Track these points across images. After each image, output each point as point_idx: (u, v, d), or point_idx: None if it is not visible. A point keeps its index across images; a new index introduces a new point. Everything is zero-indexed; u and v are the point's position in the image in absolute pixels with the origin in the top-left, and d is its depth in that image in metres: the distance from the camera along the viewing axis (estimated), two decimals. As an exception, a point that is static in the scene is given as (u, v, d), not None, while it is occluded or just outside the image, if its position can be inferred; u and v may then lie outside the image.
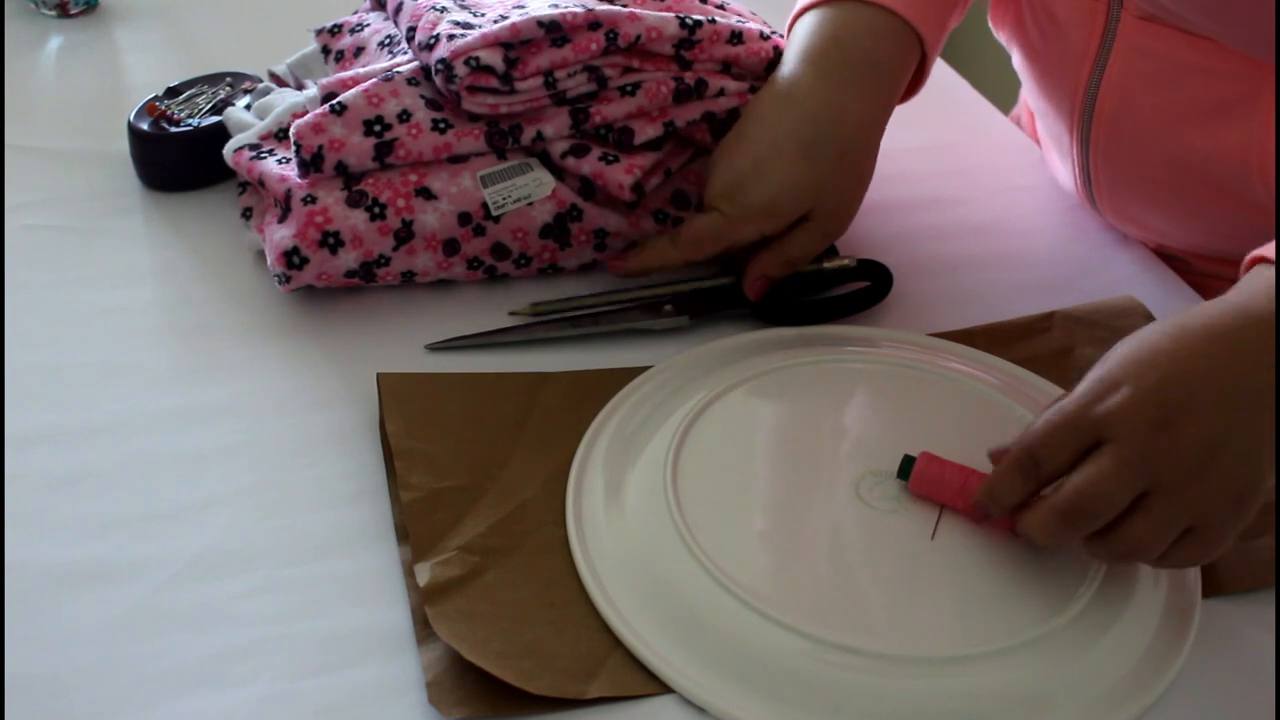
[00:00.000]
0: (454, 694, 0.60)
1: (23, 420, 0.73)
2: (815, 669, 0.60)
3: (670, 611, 0.63)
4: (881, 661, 0.60)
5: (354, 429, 0.74)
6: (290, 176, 0.81)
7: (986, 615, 0.63)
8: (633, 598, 0.64)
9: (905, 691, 0.59)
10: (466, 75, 0.79)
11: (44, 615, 0.63)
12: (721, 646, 0.61)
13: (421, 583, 0.63)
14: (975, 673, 0.60)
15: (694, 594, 0.63)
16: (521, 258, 0.83)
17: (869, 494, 0.68)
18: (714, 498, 0.68)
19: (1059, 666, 0.61)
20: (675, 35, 0.83)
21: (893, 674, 0.60)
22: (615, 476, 0.70)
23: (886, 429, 0.73)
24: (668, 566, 0.64)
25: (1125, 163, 0.86)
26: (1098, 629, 0.62)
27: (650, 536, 0.66)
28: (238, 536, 0.67)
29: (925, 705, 0.59)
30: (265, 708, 0.59)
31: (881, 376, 0.77)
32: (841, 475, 0.70)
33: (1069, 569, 0.64)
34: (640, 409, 0.74)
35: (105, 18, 1.15)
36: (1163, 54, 0.80)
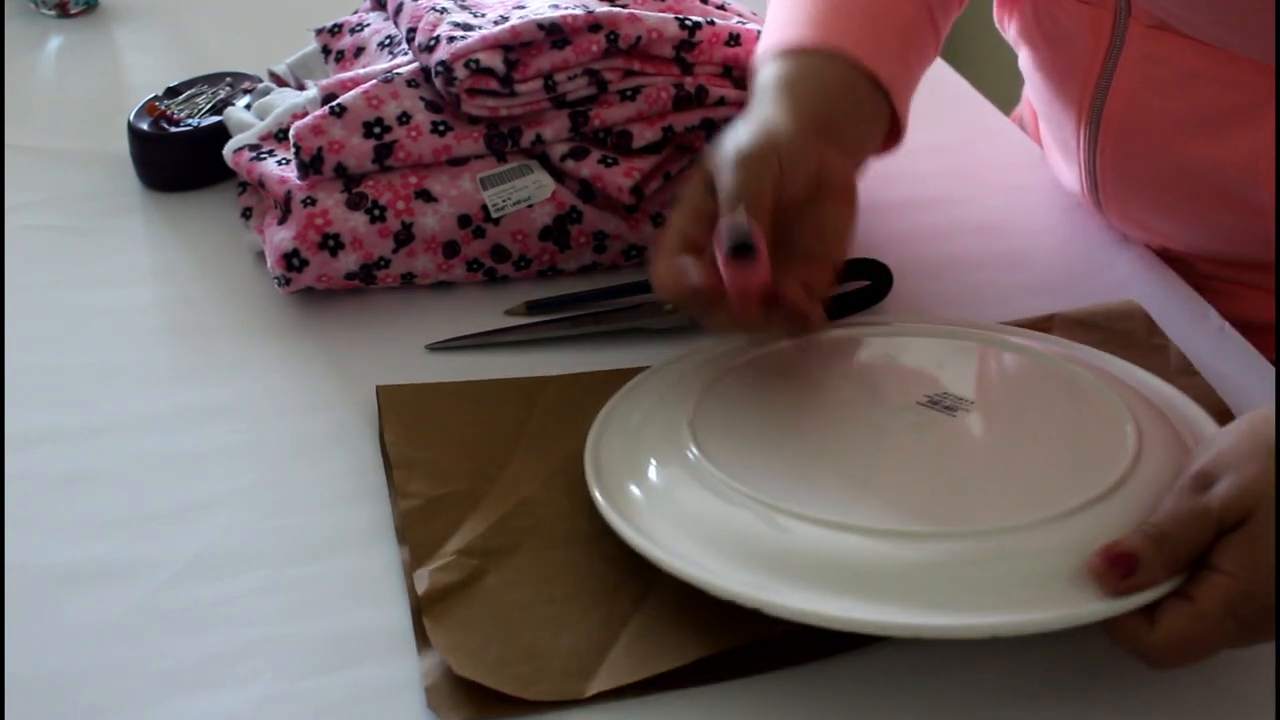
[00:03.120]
0: (452, 697, 0.60)
1: (23, 420, 0.73)
2: (866, 557, 0.60)
3: (719, 539, 0.62)
4: (931, 540, 0.60)
5: (354, 429, 0.74)
6: (290, 178, 0.81)
7: (1032, 486, 0.64)
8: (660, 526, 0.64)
9: (955, 563, 0.59)
10: (466, 78, 0.79)
11: (44, 615, 0.63)
12: (776, 556, 0.61)
13: (420, 590, 0.63)
14: (1027, 538, 0.60)
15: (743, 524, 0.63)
16: (521, 260, 0.83)
17: (893, 423, 0.69)
18: (740, 441, 0.68)
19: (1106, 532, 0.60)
20: (675, 37, 0.84)
21: (941, 550, 0.60)
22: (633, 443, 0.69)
23: (914, 378, 0.74)
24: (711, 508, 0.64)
25: (1133, 169, 0.86)
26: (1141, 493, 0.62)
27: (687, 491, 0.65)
28: (238, 536, 0.67)
29: (981, 575, 0.59)
30: (265, 708, 0.59)
31: (906, 346, 0.77)
32: (866, 415, 0.70)
33: (1104, 445, 0.65)
34: (656, 387, 0.74)
35: (105, 18, 1.15)
36: (1172, 61, 0.80)
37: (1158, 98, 0.82)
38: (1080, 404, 0.71)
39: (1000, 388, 0.75)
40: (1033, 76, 0.93)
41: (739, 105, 0.84)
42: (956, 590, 0.59)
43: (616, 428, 0.71)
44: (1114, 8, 0.82)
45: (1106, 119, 0.85)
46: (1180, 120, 0.81)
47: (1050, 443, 0.69)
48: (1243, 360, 0.80)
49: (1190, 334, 0.81)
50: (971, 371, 0.75)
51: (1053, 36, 0.88)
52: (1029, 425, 0.70)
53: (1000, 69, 0.98)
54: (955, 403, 0.70)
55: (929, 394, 0.70)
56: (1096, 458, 0.65)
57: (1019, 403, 0.73)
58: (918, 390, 0.71)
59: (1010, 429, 0.70)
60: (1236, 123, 0.79)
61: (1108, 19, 0.82)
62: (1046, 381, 0.73)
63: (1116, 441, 0.65)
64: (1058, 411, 0.71)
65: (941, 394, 0.70)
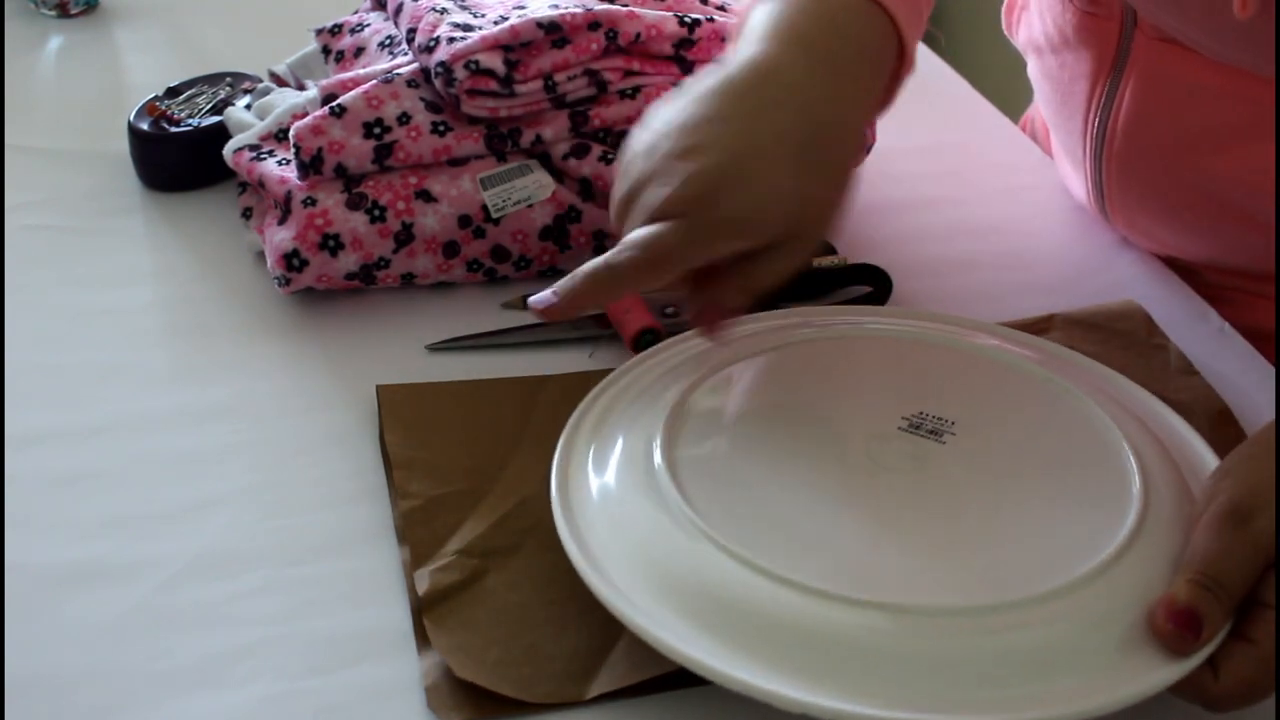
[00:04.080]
0: (452, 698, 0.60)
1: (23, 420, 0.73)
2: (835, 628, 0.57)
3: (672, 584, 0.60)
4: (909, 616, 0.57)
5: (354, 429, 0.74)
6: (290, 178, 0.81)
7: (1020, 562, 0.59)
8: (636, 580, 0.60)
9: (935, 646, 0.56)
10: (466, 78, 0.79)
11: (44, 615, 0.63)
12: (730, 613, 0.58)
13: (420, 590, 0.64)
14: (1011, 621, 0.57)
15: (702, 568, 0.59)
16: (521, 260, 0.83)
17: (881, 457, 0.65)
18: (713, 471, 0.64)
19: (1105, 613, 0.57)
20: (675, 34, 0.84)
21: (922, 629, 0.56)
22: (602, 458, 0.67)
23: (895, 393, 0.70)
24: (668, 542, 0.61)
25: (1140, 181, 0.85)
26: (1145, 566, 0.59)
27: (647, 515, 0.63)
28: (238, 536, 0.67)
29: (960, 659, 0.56)
30: (265, 708, 0.59)
31: (889, 344, 0.74)
32: (847, 444, 0.66)
33: (1108, 504, 0.62)
34: (631, 389, 0.71)
35: (105, 18, 1.15)
36: (1179, 75, 0.79)
37: (1163, 110, 0.81)
38: (1068, 427, 0.67)
39: (981, 406, 0.69)
40: (1041, 85, 0.93)
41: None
42: (983, 677, 0.55)
43: (584, 445, 0.68)
44: (1120, 19, 0.81)
45: (1112, 131, 0.85)
46: (1186, 133, 0.81)
47: (1046, 481, 0.64)
48: (1243, 361, 0.80)
49: (1190, 334, 0.81)
50: (953, 383, 0.71)
51: (1060, 47, 0.87)
52: (1019, 458, 0.66)
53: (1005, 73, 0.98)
54: (937, 425, 0.67)
55: (910, 415, 0.67)
56: (1101, 499, 0.62)
57: (1004, 427, 0.68)
58: (899, 408, 0.67)
59: (999, 462, 0.65)
60: (1243, 136, 0.79)
61: (1114, 31, 0.82)
62: (1029, 399, 0.70)
63: (1119, 481, 0.63)
64: (1047, 440, 0.67)
65: (921, 416, 0.67)
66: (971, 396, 0.69)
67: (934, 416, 0.67)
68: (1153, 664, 0.56)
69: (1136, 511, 0.60)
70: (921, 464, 0.65)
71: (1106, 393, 0.70)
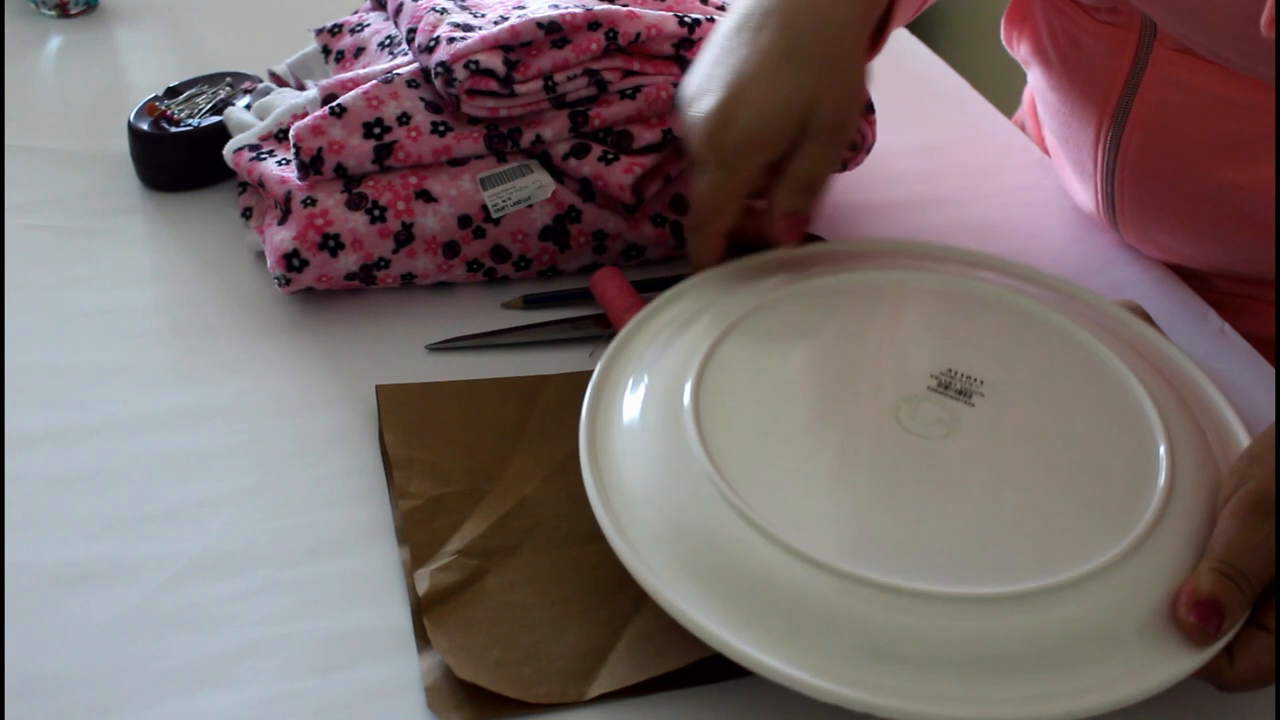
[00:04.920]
0: (452, 698, 0.60)
1: (23, 420, 0.73)
2: (851, 608, 0.56)
3: (696, 554, 0.60)
4: (932, 601, 0.56)
5: (354, 429, 0.74)
6: (290, 178, 0.81)
7: (1047, 545, 0.59)
8: (655, 541, 0.60)
9: (954, 631, 0.56)
10: (466, 79, 0.80)
11: (44, 615, 0.63)
12: (752, 589, 0.58)
13: (421, 591, 0.64)
14: (1033, 609, 0.56)
15: (723, 535, 0.59)
16: (521, 260, 0.83)
17: (911, 421, 0.65)
18: (741, 432, 0.64)
19: (1129, 598, 0.57)
20: (675, 34, 0.84)
21: (942, 613, 0.56)
22: (632, 412, 0.67)
23: (924, 346, 0.70)
24: (692, 506, 0.61)
25: (1153, 191, 0.85)
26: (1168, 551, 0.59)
27: (673, 475, 0.63)
28: (238, 536, 0.67)
29: (977, 647, 0.56)
30: (265, 708, 0.59)
31: (921, 294, 0.73)
32: (880, 402, 0.66)
33: (1134, 479, 0.61)
34: (658, 337, 0.71)
35: (105, 18, 1.15)
36: (1197, 86, 0.79)
37: (1180, 122, 0.81)
38: (1096, 390, 0.67)
39: (1010, 363, 0.69)
40: (1046, 96, 0.92)
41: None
42: (1008, 663, 0.55)
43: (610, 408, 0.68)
44: (1139, 29, 0.80)
45: (1126, 142, 0.84)
46: (1202, 145, 0.80)
47: (1073, 452, 0.64)
48: (1243, 361, 0.80)
49: (1190, 335, 0.81)
50: (982, 335, 0.70)
51: (1071, 56, 0.86)
52: (1047, 425, 0.65)
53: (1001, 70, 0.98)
54: (966, 385, 0.66)
55: (939, 372, 0.67)
56: (1128, 475, 0.62)
57: (1033, 388, 0.68)
58: (928, 364, 0.67)
59: (1026, 432, 0.65)
60: (1260, 148, 0.78)
61: (1132, 40, 0.81)
62: (1057, 356, 0.69)
63: (1145, 455, 0.62)
64: (1075, 405, 0.66)
65: (950, 374, 0.67)
66: (1001, 351, 0.69)
67: (963, 375, 0.67)
68: (1174, 651, 0.56)
69: (1162, 490, 0.60)
70: (951, 430, 0.65)
71: (1136, 350, 0.70)
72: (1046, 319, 0.71)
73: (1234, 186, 0.80)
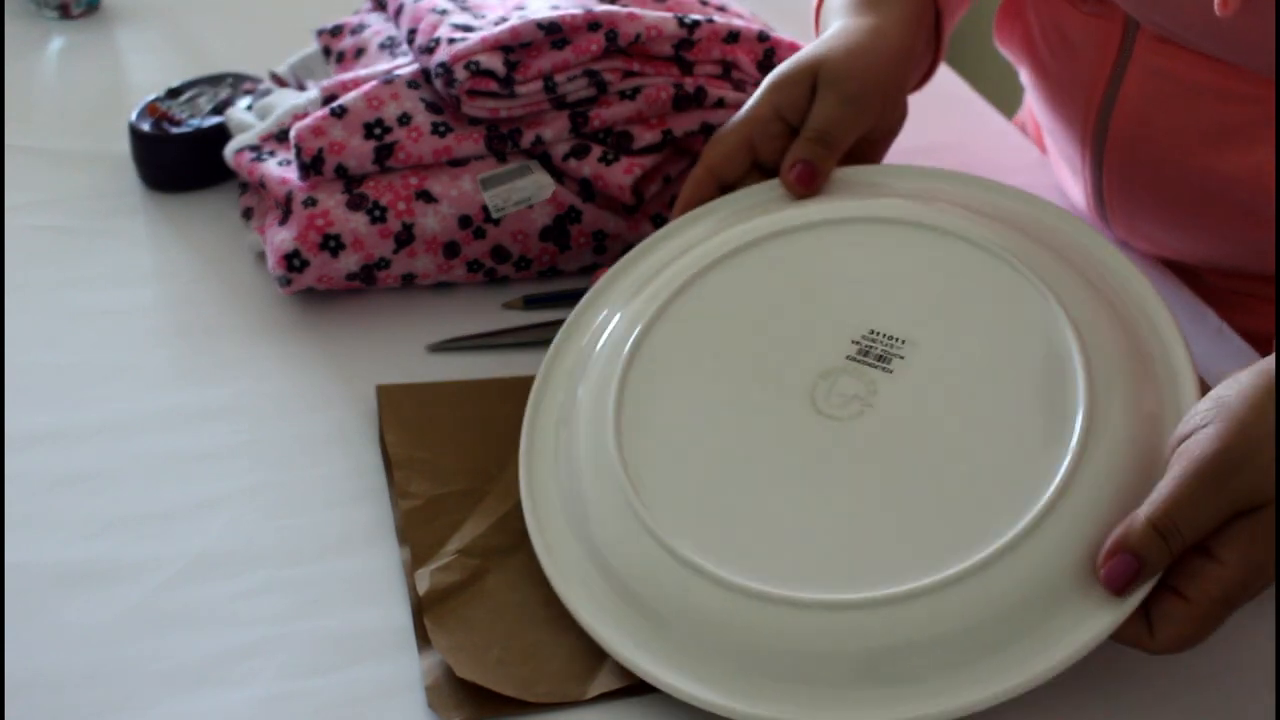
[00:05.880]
0: (452, 698, 0.60)
1: (23, 420, 0.73)
2: (740, 618, 0.58)
3: (605, 563, 0.62)
4: (832, 612, 0.57)
5: (355, 429, 0.74)
6: (291, 179, 0.81)
7: (942, 533, 0.58)
8: (570, 546, 0.63)
9: (864, 637, 0.56)
10: (466, 79, 0.80)
11: (44, 615, 0.63)
12: (656, 606, 0.60)
13: (421, 590, 0.64)
14: (942, 601, 0.56)
15: (626, 543, 0.61)
16: (521, 260, 0.83)
17: (826, 401, 0.64)
18: (661, 428, 0.64)
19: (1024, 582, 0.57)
20: (675, 35, 0.84)
21: (846, 620, 0.57)
22: (568, 403, 0.68)
23: (846, 305, 0.68)
24: (608, 517, 0.62)
25: (1140, 183, 0.85)
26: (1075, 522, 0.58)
27: (593, 476, 0.64)
28: (238, 536, 0.67)
29: (891, 647, 0.56)
30: (265, 708, 0.59)
31: (858, 242, 0.70)
32: (793, 388, 0.65)
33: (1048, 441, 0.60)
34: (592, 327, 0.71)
35: (107, 19, 1.15)
36: (1180, 75, 0.79)
37: (1164, 112, 0.81)
38: (1022, 337, 0.63)
39: (935, 313, 0.66)
40: (1037, 91, 0.92)
41: (738, 108, 0.85)
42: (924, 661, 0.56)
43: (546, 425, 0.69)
44: (1123, 20, 0.81)
45: (1112, 134, 0.84)
46: (1187, 134, 0.81)
47: (990, 412, 0.62)
48: (1241, 361, 0.80)
49: (1188, 334, 0.81)
50: (908, 281, 0.68)
51: (1058, 49, 0.87)
52: (965, 384, 0.63)
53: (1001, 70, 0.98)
54: (887, 349, 0.65)
55: (859, 336, 0.65)
56: (1043, 436, 0.60)
57: (955, 341, 0.65)
58: (849, 328, 0.66)
59: (943, 395, 0.63)
60: (1243, 137, 0.78)
61: (1116, 31, 0.81)
62: (986, 299, 0.66)
63: (1062, 413, 0.60)
64: (998, 356, 0.64)
65: (872, 337, 0.65)
66: (922, 297, 0.67)
67: (885, 336, 0.66)
68: (1081, 624, 0.56)
69: (1072, 456, 0.59)
70: (865, 407, 0.64)
71: (1084, 278, 0.66)
72: (975, 251, 0.67)
73: (1218, 175, 0.80)
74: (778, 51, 0.86)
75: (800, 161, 0.74)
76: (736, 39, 0.85)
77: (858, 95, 0.75)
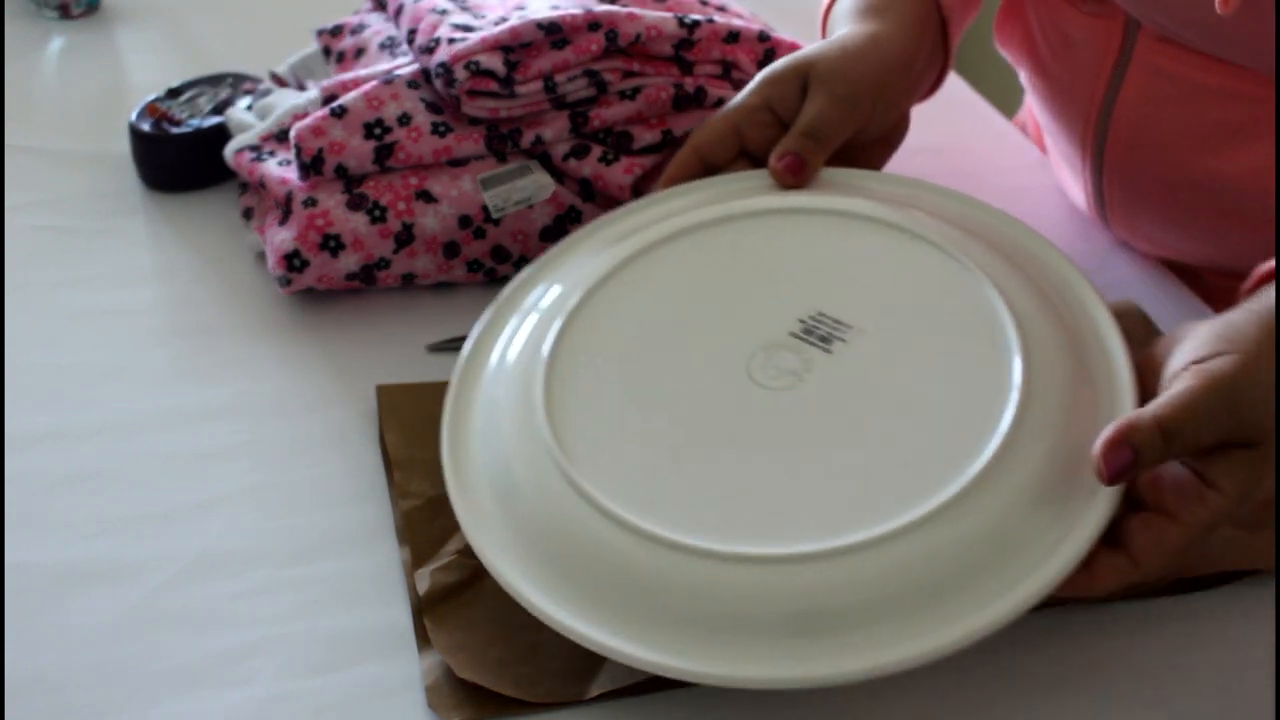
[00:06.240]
0: (452, 697, 0.60)
1: (23, 420, 0.73)
2: (665, 573, 0.58)
3: (531, 522, 0.62)
4: (756, 566, 0.57)
5: (354, 429, 0.74)
6: (291, 179, 0.81)
7: (862, 501, 0.59)
8: (493, 503, 0.63)
9: (788, 592, 0.57)
10: (466, 79, 0.80)
11: (44, 615, 0.63)
12: (581, 561, 0.60)
13: (421, 590, 0.64)
14: (877, 555, 0.57)
15: (553, 499, 0.61)
16: (521, 260, 0.83)
17: (762, 371, 0.64)
18: (594, 389, 0.65)
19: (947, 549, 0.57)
20: (675, 35, 0.84)
21: (769, 575, 0.57)
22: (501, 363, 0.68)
23: (798, 287, 0.68)
24: (530, 472, 0.62)
25: (1140, 183, 0.85)
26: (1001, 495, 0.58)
27: (518, 435, 0.64)
28: (238, 536, 0.67)
29: (814, 603, 0.56)
30: (265, 708, 0.59)
31: (803, 222, 0.71)
32: (731, 356, 0.65)
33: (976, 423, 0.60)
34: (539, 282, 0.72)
35: (107, 19, 1.15)
36: (1180, 76, 0.79)
37: (1164, 112, 0.81)
38: (962, 329, 0.65)
39: (882, 301, 0.67)
40: (1038, 92, 0.92)
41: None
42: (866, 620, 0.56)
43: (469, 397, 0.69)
44: (1124, 20, 0.81)
45: (1113, 134, 0.84)
46: (1187, 135, 0.81)
47: (920, 394, 0.63)
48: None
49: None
50: (860, 271, 0.69)
51: (1058, 50, 0.87)
52: (900, 368, 0.64)
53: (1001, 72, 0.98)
54: (831, 330, 0.65)
55: (806, 316, 0.66)
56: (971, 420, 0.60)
57: (898, 327, 0.66)
58: (797, 308, 0.66)
59: (877, 375, 0.64)
60: (1243, 136, 0.78)
61: (1117, 31, 0.81)
62: (932, 289, 0.67)
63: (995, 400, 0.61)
64: (936, 343, 0.65)
65: (818, 318, 0.66)
66: (875, 288, 0.67)
67: (831, 319, 0.66)
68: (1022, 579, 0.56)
69: (1004, 434, 0.59)
70: (799, 380, 0.64)
71: (1024, 275, 0.67)
72: (925, 245, 0.68)
73: (1218, 176, 0.80)
74: (778, 51, 0.86)
75: (790, 153, 0.74)
76: (737, 39, 0.85)
77: (848, 96, 0.76)
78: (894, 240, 0.69)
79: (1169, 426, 0.56)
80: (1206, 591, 0.65)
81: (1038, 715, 0.60)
